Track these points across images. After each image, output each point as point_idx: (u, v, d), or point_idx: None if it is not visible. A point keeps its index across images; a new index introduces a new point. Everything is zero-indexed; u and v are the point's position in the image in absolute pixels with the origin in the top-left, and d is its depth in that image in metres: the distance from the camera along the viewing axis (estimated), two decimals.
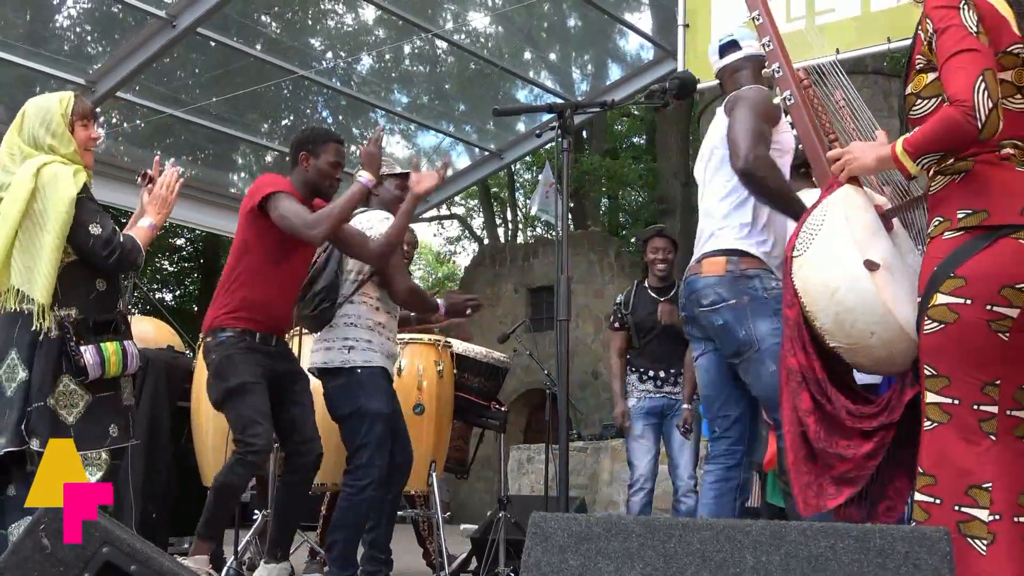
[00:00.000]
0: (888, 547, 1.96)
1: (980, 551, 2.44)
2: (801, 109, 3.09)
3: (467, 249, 31.79)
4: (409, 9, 7.20)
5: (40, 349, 3.06)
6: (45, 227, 3.08)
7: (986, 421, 2.49)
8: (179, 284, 25.60)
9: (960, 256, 2.50)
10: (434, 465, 4.91)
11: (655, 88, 3.45)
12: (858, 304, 2.70)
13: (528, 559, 2.20)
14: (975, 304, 2.47)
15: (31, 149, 3.21)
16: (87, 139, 3.32)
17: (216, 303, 3.87)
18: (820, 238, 2.82)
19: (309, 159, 3.94)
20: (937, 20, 2.51)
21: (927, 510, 2.53)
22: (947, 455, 2.51)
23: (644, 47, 8.14)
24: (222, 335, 3.79)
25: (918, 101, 2.63)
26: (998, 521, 2.44)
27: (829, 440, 2.81)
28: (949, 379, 2.52)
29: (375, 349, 4.11)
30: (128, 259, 3.22)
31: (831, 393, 2.84)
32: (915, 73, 2.65)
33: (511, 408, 5.29)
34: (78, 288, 3.17)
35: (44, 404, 3.03)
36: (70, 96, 3.34)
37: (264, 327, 3.85)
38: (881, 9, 4.92)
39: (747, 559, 2.03)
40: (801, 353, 2.88)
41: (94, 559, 2.19)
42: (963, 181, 2.56)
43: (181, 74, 7.62)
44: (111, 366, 3.15)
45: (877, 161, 2.76)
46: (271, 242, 3.82)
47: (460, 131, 8.79)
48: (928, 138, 2.51)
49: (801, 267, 2.84)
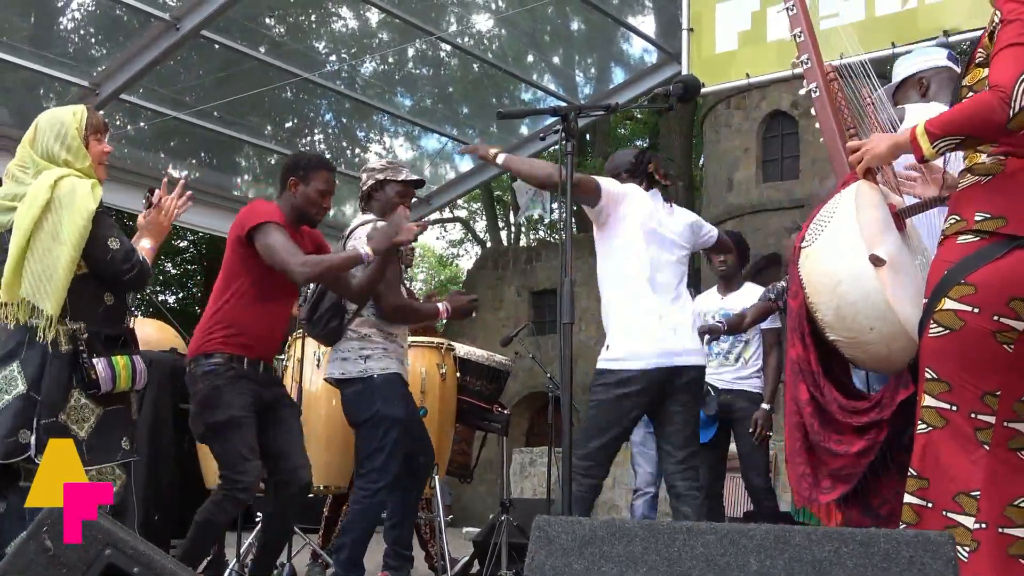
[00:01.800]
0: (893, 551, 1.95)
1: (963, 558, 2.43)
2: (825, 102, 3.08)
3: (470, 252, 31.87)
4: (413, 12, 7.20)
5: (50, 365, 3.04)
6: (61, 239, 3.06)
7: (982, 430, 2.48)
8: (182, 286, 25.65)
9: (972, 263, 2.47)
10: (437, 468, 4.91)
11: (659, 92, 3.45)
12: (860, 298, 2.69)
13: (532, 562, 2.19)
14: (982, 313, 2.45)
15: (45, 163, 3.20)
16: (101, 153, 3.33)
17: (203, 327, 3.77)
18: (828, 231, 2.80)
19: (298, 185, 3.87)
20: (1007, 12, 2.45)
21: (919, 513, 2.52)
22: (939, 460, 2.50)
23: (648, 51, 8.12)
24: (210, 362, 3.68)
25: (969, 94, 2.58)
26: (983, 530, 2.44)
27: (822, 433, 2.83)
28: (949, 385, 2.51)
29: (391, 356, 4.15)
30: (145, 275, 3.23)
31: (824, 386, 2.85)
32: (973, 67, 2.60)
33: (513, 411, 5.26)
34: (87, 302, 3.16)
35: (55, 420, 3.02)
36: (83, 110, 3.33)
37: (253, 353, 3.76)
38: (885, 14, 4.92)
39: (751, 563, 2.03)
40: (799, 345, 2.89)
41: (97, 561, 2.19)
42: (989, 184, 2.52)
43: (185, 77, 7.62)
44: (121, 380, 3.14)
45: (890, 148, 2.72)
46: (259, 270, 3.75)
47: (463, 134, 8.78)
48: (955, 119, 2.47)
49: (807, 258, 2.83)
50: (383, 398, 4.03)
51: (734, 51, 5.50)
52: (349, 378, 4.09)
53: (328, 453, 4.81)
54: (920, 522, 2.51)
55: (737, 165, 20.01)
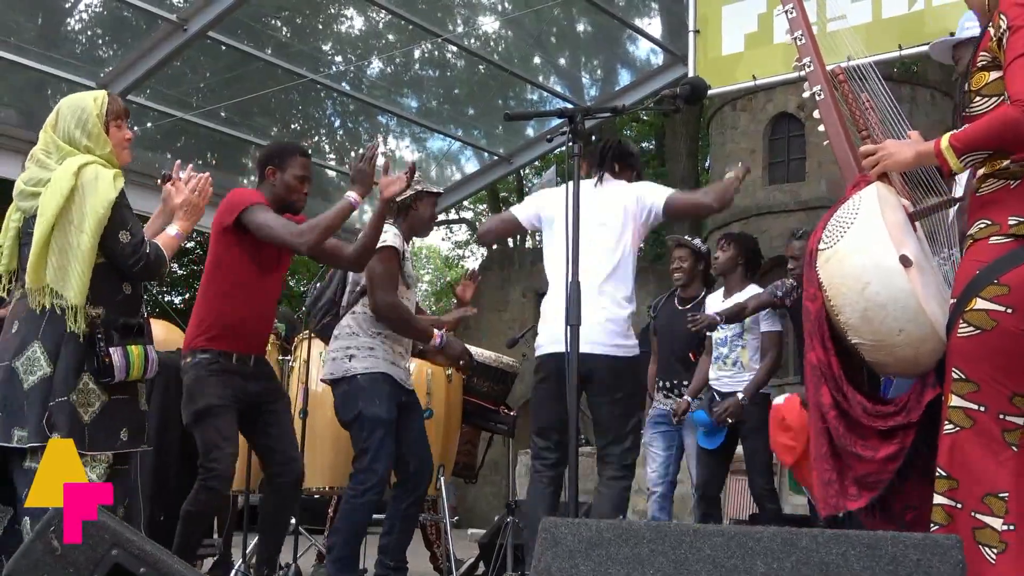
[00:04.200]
0: (900, 555, 1.95)
1: (990, 560, 2.42)
2: (830, 105, 3.05)
3: (475, 253, 31.83)
4: (419, 14, 7.21)
5: (66, 345, 3.06)
6: (82, 228, 3.07)
7: (1010, 432, 2.45)
8: (188, 287, 25.64)
9: (1006, 263, 2.44)
10: (442, 469, 4.91)
11: (665, 93, 3.45)
12: (890, 300, 2.63)
13: (538, 564, 2.19)
14: (1016, 314, 2.42)
15: (68, 148, 3.21)
16: (122, 139, 3.33)
17: (192, 323, 3.81)
18: (853, 231, 2.73)
19: (276, 173, 3.88)
20: (1012, 18, 2.44)
21: (950, 513, 2.50)
22: (966, 461, 2.48)
23: (654, 52, 8.12)
24: (198, 356, 3.74)
25: (976, 98, 2.56)
26: (1011, 531, 2.42)
27: (848, 437, 2.76)
28: (978, 385, 2.48)
29: (377, 356, 4.13)
30: (152, 268, 3.22)
31: (847, 390, 2.78)
32: (977, 70, 2.58)
33: (520, 413, 5.30)
34: (107, 289, 3.17)
35: (67, 399, 3.02)
36: (104, 95, 3.32)
37: (240, 347, 3.78)
38: (892, 16, 4.91)
39: (758, 566, 2.03)
40: (820, 348, 2.82)
41: (104, 561, 2.20)
42: (1018, 188, 2.49)
43: (191, 78, 7.63)
44: (135, 369, 3.15)
45: (916, 156, 2.69)
46: (245, 261, 3.77)
47: (469, 135, 8.79)
48: (980, 134, 2.46)
49: (828, 260, 2.77)
50: (365, 399, 4.04)
51: (740, 53, 5.49)
52: (336, 379, 4.13)
53: (333, 454, 4.82)
54: (952, 523, 2.48)
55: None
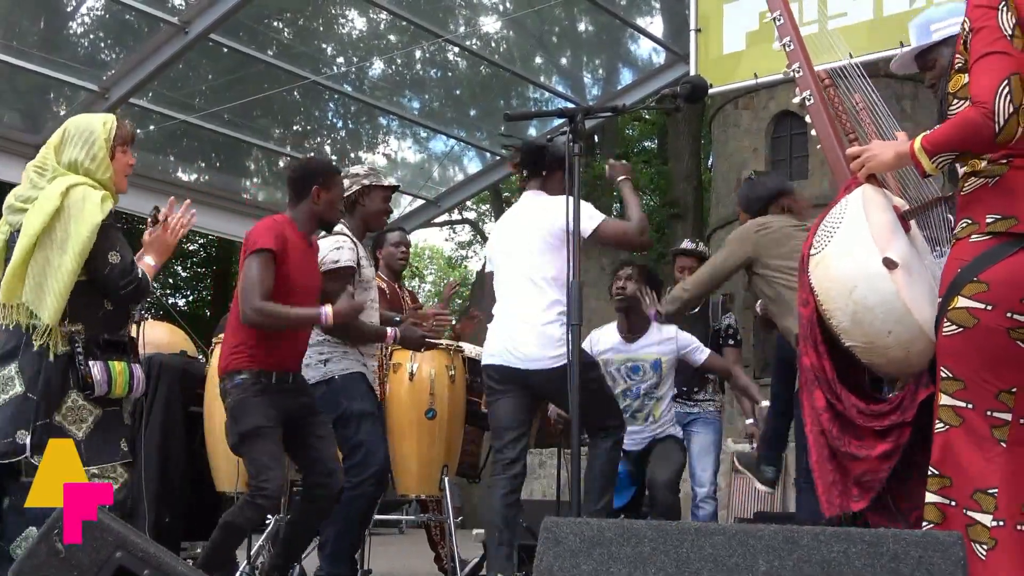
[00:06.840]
0: (902, 552, 1.95)
1: (980, 556, 2.43)
2: (820, 110, 3.07)
3: (478, 254, 31.82)
4: (420, 14, 7.21)
5: (47, 366, 3.06)
6: (65, 249, 3.07)
7: (998, 428, 2.48)
8: (192, 289, 25.68)
9: (985, 261, 2.48)
10: (446, 469, 4.91)
11: (667, 92, 3.46)
12: (877, 302, 2.67)
13: (540, 564, 2.20)
14: (996, 310, 2.45)
15: (63, 170, 3.21)
16: (126, 166, 3.34)
17: (227, 343, 3.81)
18: (838, 236, 2.78)
19: (322, 193, 3.88)
20: (974, 20, 2.49)
21: (943, 511, 2.52)
22: (958, 459, 2.50)
23: (656, 51, 8.12)
24: (237, 378, 3.73)
25: (954, 101, 2.60)
26: (1000, 527, 2.44)
27: (842, 438, 2.80)
28: (964, 383, 2.51)
29: (351, 357, 4.23)
30: (143, 291, 3.24)
31: (840, 392, 2.82)
32: (954, 72, 2.62)
33: None
34: (87, 306, 3.17)
35: (50, 422, 3.03)
36: (113, 120, 3.34)
37: (279, 366, 3.80)
38: (894, 13, 4.92)
39: (760, 564, 2.03)
40: (812, 353, 2.86)
41: (108, 563, 2.21)
42: (996, 185, 2.53)
43: (193, 80, 7.65)
44: (117, 386, 3.15)
45: (896, 157, 2.74)
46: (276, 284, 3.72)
47: (471, 136, 8.80)
48: (946, 136, 2.50)
49: (818, 265, 2.81)
50: (347, 396, 4.12)
51: (742, 51, 5.50)
52: (315, 383, 4.15)
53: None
54: (945, 521, 2.50)
55: (746, 165, 19.97)
